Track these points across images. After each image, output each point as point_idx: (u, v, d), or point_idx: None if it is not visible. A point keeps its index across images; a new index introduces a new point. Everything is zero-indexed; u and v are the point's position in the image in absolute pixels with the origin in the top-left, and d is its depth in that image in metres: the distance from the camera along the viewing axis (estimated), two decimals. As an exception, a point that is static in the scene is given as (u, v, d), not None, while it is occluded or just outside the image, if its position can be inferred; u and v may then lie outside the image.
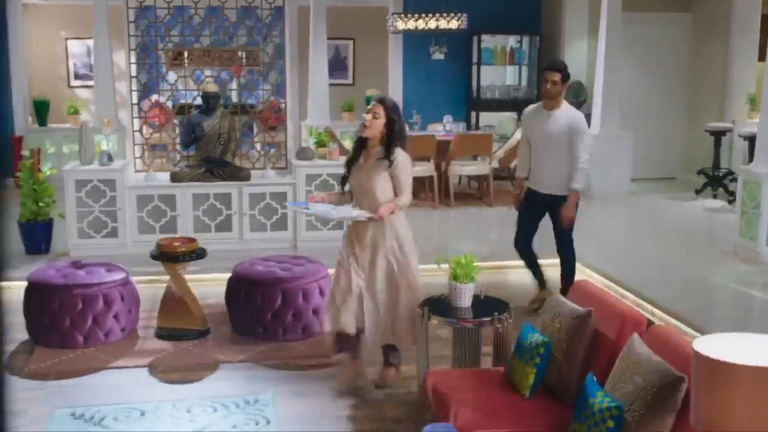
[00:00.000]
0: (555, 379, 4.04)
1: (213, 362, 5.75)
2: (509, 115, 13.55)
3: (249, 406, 4.12)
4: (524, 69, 13.53)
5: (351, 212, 5.04)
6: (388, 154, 5.01)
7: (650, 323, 4.02)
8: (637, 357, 3.44)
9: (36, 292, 6.04)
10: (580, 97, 12.79)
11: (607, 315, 3.98)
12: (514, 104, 13.33)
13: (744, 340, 2.64)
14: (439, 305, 4.98)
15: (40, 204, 8.14)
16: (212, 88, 8.40)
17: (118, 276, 6.20)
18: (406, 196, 5.10)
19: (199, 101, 8.80)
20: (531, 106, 6.81)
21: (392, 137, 5.02)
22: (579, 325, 3.97)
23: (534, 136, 6.56)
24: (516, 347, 4.23)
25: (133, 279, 6.47)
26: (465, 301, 4.92)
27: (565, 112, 6.46)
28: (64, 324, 5.93)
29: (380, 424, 4.87)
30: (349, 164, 5.20)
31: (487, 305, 4.97)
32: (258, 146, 9.79)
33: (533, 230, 6.87)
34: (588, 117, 12.00)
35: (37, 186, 8.11)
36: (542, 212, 6.72)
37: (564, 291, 6.12)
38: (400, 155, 5.05)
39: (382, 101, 5.10)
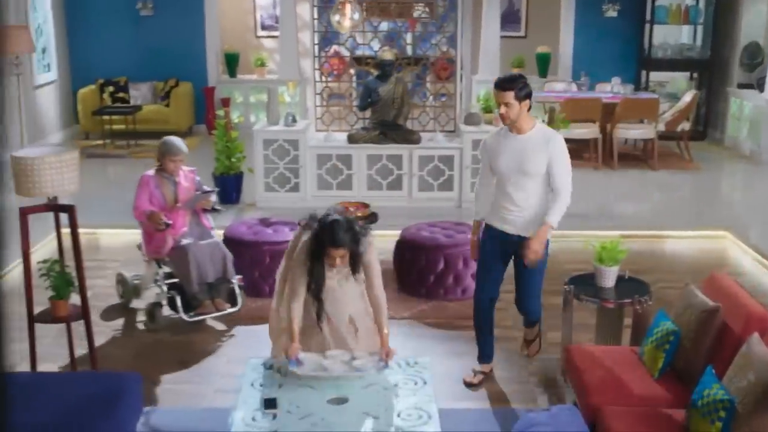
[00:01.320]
0: (683, 364, 4.48)
1: (380, 318, 6.45)
2: (681, 74, 13.51)
3: (409, 367, 4.76)
4: (699, 29, 13.36)
5: (366, 365, 4.57)
6: (354, 268, 4.65)
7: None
8: (753, 355, 3.84)
9: (230, 246, 6.90)
10: (756, 59, 12.57)
11: (735, 311, 4.36)
12: (687, 64, 13.29)
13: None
14: (584, 283, 5.46)
15: (233, 159, 9.08)
16: (388, 56, 9.00)
17: (300, 235, 7.00)
18: (383, 297, 4.75)
19: (374, 53, 9.55)
20: (494, 130, 5.54)
21: (357, 257, 4.61)
22: (707, 318, 4.38)
23: (500, 166, 5.16)
24: (649, 332, 4.69)
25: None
26: (609, 281, 5.38)
27: (539, 133, 5.12)
28: (254, 275, 6.80)
29: (524, 386, 5.45)
30: (311, 273, 4.63)
31: (630, 286, 5.41)
32: (431, 98, 10.27)
33: (496, 283, 5.41)
34: (762, 80, 11.87)
35: (229, 143, 9.03)
36: (508, 258, 5.36)
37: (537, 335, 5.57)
38: (370, 255, 4.67)
39: (343, 245, 4.49)
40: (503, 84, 5.03)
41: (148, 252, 6.44)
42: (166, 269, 6.39)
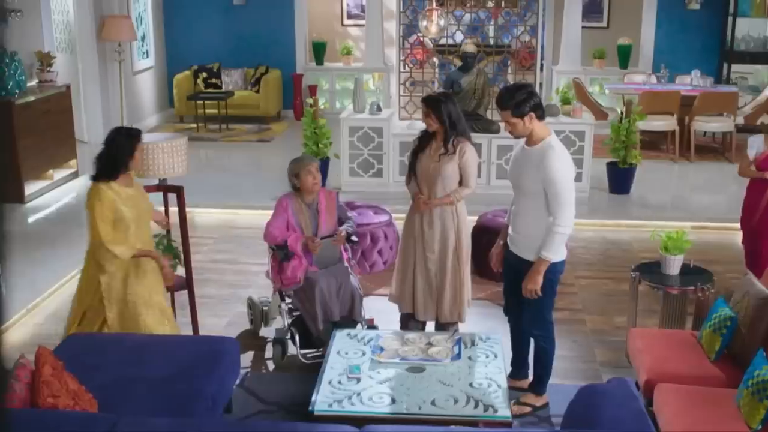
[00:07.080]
0: (738, 348, 4.79)
1: (456, 297, 6.85)
2: (764, 67, 13.48)
3: (482, 342, 5.17)
4: (784, 21, 13.33)
5: (441, 353, 5.07)
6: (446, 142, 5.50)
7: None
8: (802, 340, 4.14)
9: (317, 227, 7.41)
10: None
11: (790, 299, 4.65)
12: (770, 57, 13.28)
13: None
14: (650, 271, 5.78)
15: (320, 145, 9.57)
16: (470, 48, 9.35)
17: (383, 218, 7.45)
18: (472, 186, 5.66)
19: (456, 41, 9.97)
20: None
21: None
22: (763, 305, 4.68)
23: (509, 178, 5.04)
24: (708, 317, 5.00)
25: (395, 220, 7.68)
26: (674, 269, 5.69)
27: (540, 151, 4.71)
28: (339, 255, 7.27)
29: (589, 365, 5.81)
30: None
31: (694, 275, 5.71)
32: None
33: (512, 307, 5.23)
34: None
35: (317, 130, 9.52)
36: (512, 276, 5.08)
37: (532, 386, 5.25)
38: (469, 155, 5.55)
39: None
40: (498, 102, 4.78)
41: (274, 281, 5.89)
42: (289, 302, 5.86)
